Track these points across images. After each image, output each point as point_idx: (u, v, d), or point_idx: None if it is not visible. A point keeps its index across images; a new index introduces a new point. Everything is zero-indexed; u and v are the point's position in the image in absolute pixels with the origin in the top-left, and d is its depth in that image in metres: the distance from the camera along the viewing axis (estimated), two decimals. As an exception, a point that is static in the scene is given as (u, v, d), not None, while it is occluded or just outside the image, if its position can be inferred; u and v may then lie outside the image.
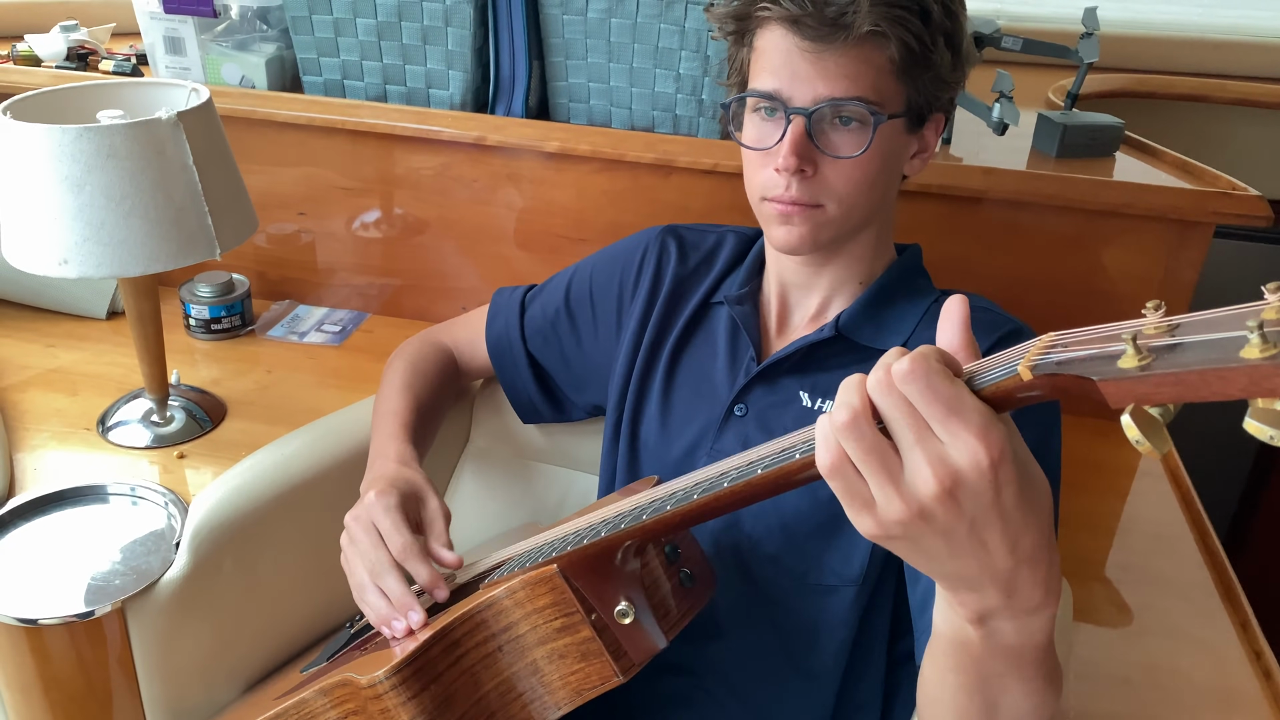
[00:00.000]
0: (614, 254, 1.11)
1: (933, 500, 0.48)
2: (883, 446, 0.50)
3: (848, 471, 0.51)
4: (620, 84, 1.29)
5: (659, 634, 0.72)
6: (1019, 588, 0.53)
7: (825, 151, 0.85)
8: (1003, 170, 1.24)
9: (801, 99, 0.83)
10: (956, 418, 0.48)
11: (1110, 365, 0.43)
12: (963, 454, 0.48)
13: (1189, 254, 1.22)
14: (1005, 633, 0.57)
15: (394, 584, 0.82)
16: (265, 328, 1.42)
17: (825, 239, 0.89)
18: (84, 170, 0.96)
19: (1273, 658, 0.93)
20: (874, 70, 0.83)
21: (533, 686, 0.72)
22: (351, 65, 1.34)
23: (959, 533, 0.50)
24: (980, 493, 0.48)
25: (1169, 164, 1.32)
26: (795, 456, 0.56)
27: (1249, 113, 1.78)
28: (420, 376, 1.10)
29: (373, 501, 0.86)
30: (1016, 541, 0.51)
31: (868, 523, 0.51)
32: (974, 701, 0.63)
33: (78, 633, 0.97)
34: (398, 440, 0.98)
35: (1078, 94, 1.39)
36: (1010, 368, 0.48)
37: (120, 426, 1.18)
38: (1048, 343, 0.47)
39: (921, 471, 0.48)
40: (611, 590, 0.71)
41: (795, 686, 0.91)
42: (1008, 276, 1.27)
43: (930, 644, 0.65)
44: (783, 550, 0.90)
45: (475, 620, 0.72)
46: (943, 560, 0.52)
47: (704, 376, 1.00)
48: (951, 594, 0.56)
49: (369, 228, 1.43)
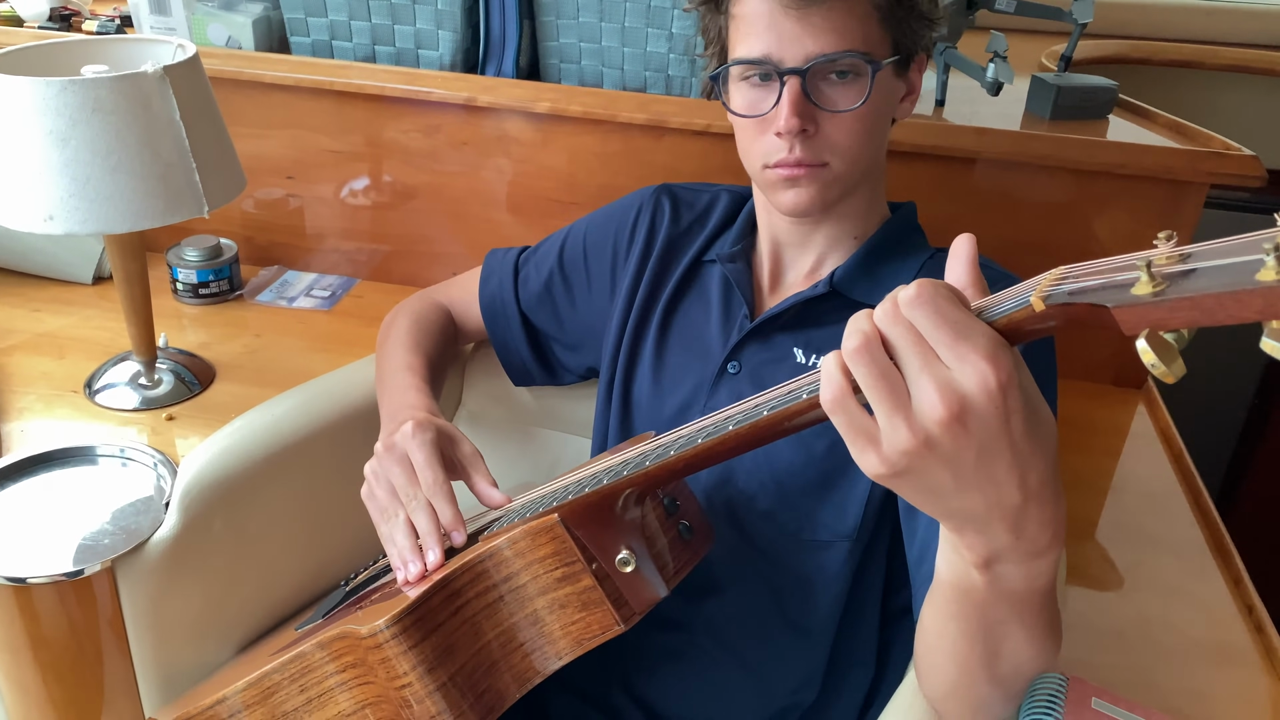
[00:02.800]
0: (608, 214, 1.10)
1: (939, 427, 0.48)
2: (892, 373, 0.49)
3: (850, 405, 0.51)
4: (612, 44, 1.28)
5: (660, 583, 0.72)
6: (1026, 527, 0.53)
7: (824, 108, 0.84)
8: (996, 131, 1.23)
9: (793, 59, 0.82)
10: (964, 341, 0.47)
11: (1124, 293, 0.42)
12: (970, 377, 0.47)
13: (1183, 215, 1.22)
14: (1011, 577, 0.56)
15: (425, 520, 0.79)
16: (254, 293, 1.40)
17: (833, 196, 0.88)
18: (69, 124, 0.94)
19: (1265, 612, 0.94)
20: (859, 20, 0.82)
21: (534, 636, 0.72)
22: (340, 25, 1.32)
23: (966, 463, 0.49)
24: (988, 418, 0.48)
25: (1162, 126, 1.31)
26: (802, 396, 0.56)
27: (1240, 79, 1.78)
28: (426, 334, 1.09)
29: (409, 433, 0.83)
30: (1025, 475, 0.50)
31: (872, 459, 0.51)
32: (975, 650, 0.63)
33: (66, 592, 0.96)
34: (416, 392, 0.96)
35: (1071, 56, 1.38)
36: (1022, 299, 0.47)
37: (108, 389, 1.16)
38: (1058, 275, 0.47)
39: (928, 397, 0.48)
40: (612, 539, 0.71)
41: (789, 642, 0.91)
42: (1000, 238, 1.26)
43: (931, 592, 0.65)
44: (776, 506, 0.90)
45: (476, 570, 0.71)
46: (949, 496, 0.51)
47: (696, 334, 0.99)
48: (958, 536, 0.55)
49: (357, 192, 1.42)
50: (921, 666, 0.72)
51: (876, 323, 0.50)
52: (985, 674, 0.65)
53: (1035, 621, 0.61)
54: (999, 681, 0.66)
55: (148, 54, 1.08)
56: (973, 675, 0.66)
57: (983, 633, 0.62)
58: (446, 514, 0.80)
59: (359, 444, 1.10)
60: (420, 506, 0.80)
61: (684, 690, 0.92)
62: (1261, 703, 0.85)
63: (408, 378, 1.00)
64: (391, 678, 0.71)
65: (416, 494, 0.81)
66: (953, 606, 0.62)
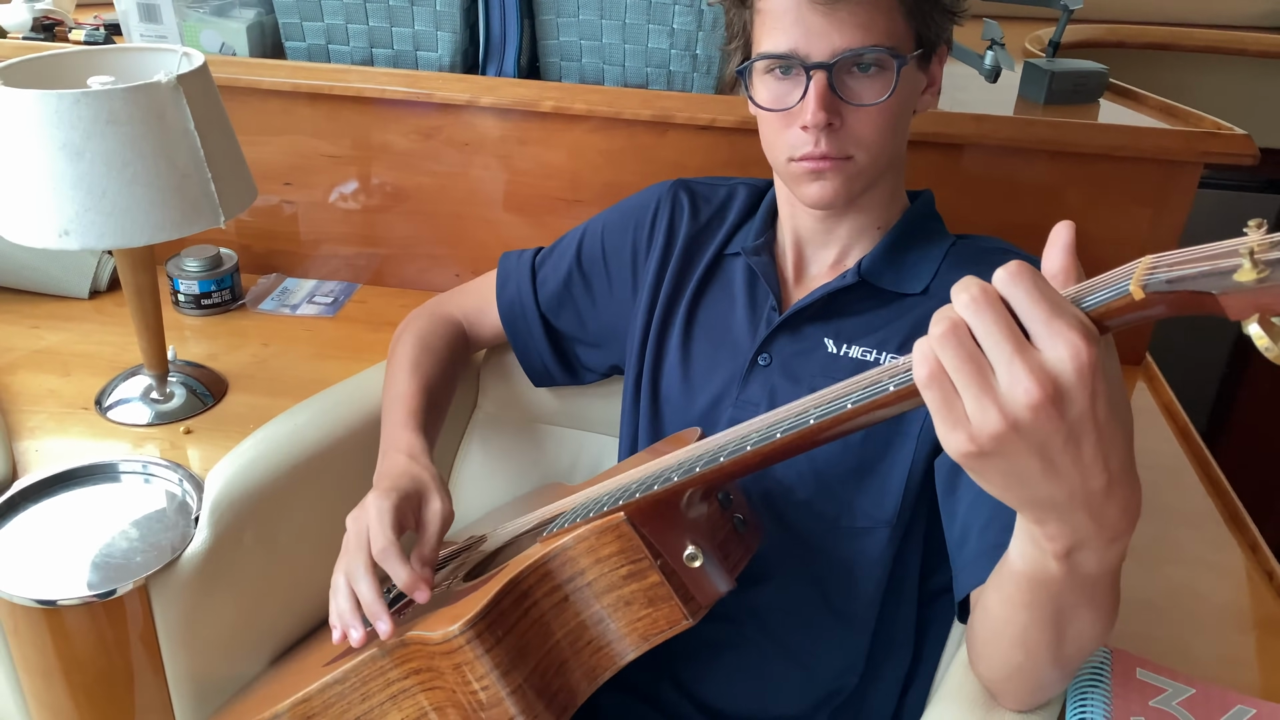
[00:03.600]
0: (625, 210, 1.10)
1: (1030, 410, 0.49)
2: (979, 357, 0.50)
3: (944, 382, 0.51)
4: (613, 41, 1.28)
5: (723, 577, 0.73)
6: (1108, 512, 0.54)
7: (849, 101, 0.85)
8: (995, 117, 1.25)
9: (819, 54, 0.83)
10: (1059, 317, 0.48)
11: (1226, 279, 0.44)
12: (1064, 356, 0.48)
13: (1178, 195, 1.25)
14: (1088, 564, 0.57)
15: (366, 588, 0.79)
16: (255, 301, 1.39)
17: (857, 189, 0.89)
18: (83, 137, 0.93)
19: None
20: (885, 14, 0.83)
21: (600, 634, 0.72)
22: (336, 29, 1.31)
23: (1054, 446, 0.50)
24: (1078, 399, 0.49)
25: (1152, 108, 1.34)
26: (889, 389, 0.56)
27: (1214, 60, 1.82)
28: (429, 353, 1.09)
29: (370, 502, 0.84)
30: (1108, 458, 0.51)
31: (960, 438, 0.51)
32: (1044, 635, 0.65)
33: (98, 613, 0.95)
34: (406, 430, 0.97)
35: (1059, 42, 1.41)
36: (1119, 288, 0.48)
37: (121, 405, 1.15)
38: (1149, 265, 0.48)
39: (1021, 382, 0.49)
40: (677, 536, 0.71)
41: (832, 629, 0.92)
42: (1000, 222, 1.28)
43: (999, 581, 0.66)
44: (815, 495, 0.91)
45: (543, 570, 0.72)
46: (1035, 482, 0.52)
47: (723, 328, 1.00)
48: (1039, 527, 0.56)
49: (358, 196, 1.41)
50: (983, 650, 0.73)
51: (960, 311, 0.51)
52: (1051, 656, 0.67)
53: (1103, 601, 0.63)
54: (1063, 662, 0.68)
55: (151, 63, 1.06)
56: (1038, 658, 0.68)
57: (1054, 618, 0.63)
58: (400, 576, 0.80)
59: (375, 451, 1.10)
60: (363, 577, 0.80)
61: (731, 681, 0.93)
62: (1291, 665, 0.88)
63: (399, 411, 1.00)
64: (464, 682, 0.71)
65: (361, 563, 0.80)
66: (1026, 595, 0.63)
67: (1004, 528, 0.78)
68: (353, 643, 0.80)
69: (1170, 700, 0.80)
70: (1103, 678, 0.81)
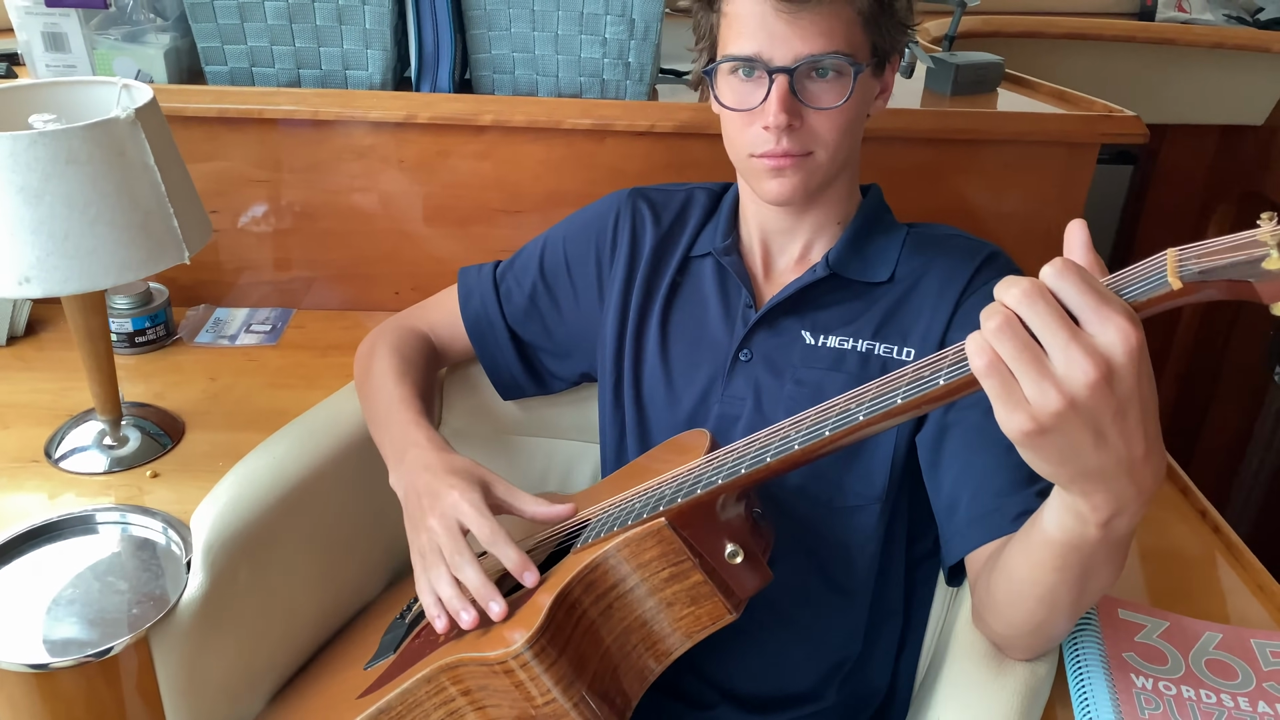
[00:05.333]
0: (584, 221, 1.12)
1: (1088, 388, 0.54)
2: (1033, 345, 0.56)
3: (1002, 370, 0.56)
4: (545, 52, 1.30)
5: (760, 569, 0.77)
6: (1145, 476, 0.59)
7: (809, 104, 0.90)
8: (913, 110, 1.33)
9: (782, 58, 0.88)
10: (1108, 305, 0.54)
11: (1256, 268, 0.50)
12: (1115, 339, 0.54)
13: (1079, 173, 1.36)
14: (1121, 526, 0.63)
15: (473, 574, 0.82)
16: (191, 335, 1.34)
17: (815, 185, 0.94)
18: (41, 179, 0.89)
19: (1217, 514, 1.07)
20: (845, 24, 0.88)
21: (647, 635, 0.75)
22: (260, 51, 1.28)
23: (1105, 419, 0.56)
24: (1127, 377, 0.55)
25: (1045, 94, 1.45)
26: (939, 383, 0.61)
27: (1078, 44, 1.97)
28: (409, 363, 1.09)
29: (457, 500, 0.85)
30: (1147, 426, 0.57)
31: (1021, 419, 0.57)
32: (1070, 593, 0.71)
33: (93, 672, 0.91)
34: (419, 428, 0.97)
35: (955, 36, 1.51)
36: (1158, 281, 0.54)
37: (74, 454, 1.10)
38: (1176, 258, 0.54)
39: (1078, 363, 0.54)
40: (716, 536, 0.75)
41: (834, 603, 0.97)
42: (925, 208, 1.36)
43: (1029, 548, 0.71)
44: (808, 479, 0.96)
45: (588, 580, 0.74)
46: (1087, 455, 0.58)
47: (700, 328, 1.04)
48: (1085, 499, 0.61)
49: (288, 220, 1.38)
50: (1003, 610, 0.78)
51: (1012, 305, 0.56)
52: (1071, 610, 0.74)
53: (1121, 558, 0.69)
54: (1078, 614, 0.75)
55: (88, 97, 1.02)
56: (1060, 613, 0.74)
57: (1082, 578, 0.69)
58: (513, 558, 0.81)
59: (358, 474, 1.10)
60: (468, 565, 0.82)
61: (747, 663, 0.97)
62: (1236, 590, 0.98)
63: (406, 412, 1.00)
64: (527, 698, 0.72)
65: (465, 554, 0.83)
66: (1058, 560, 0.68)
67: (994, 492, 0.85)
68: (465, 625, 0.81)
69: (1151, 634, 0.89)
70: (1091, 621, 0.89)
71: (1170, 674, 0.84)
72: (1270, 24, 2.13)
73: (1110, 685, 0.82)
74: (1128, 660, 0.85)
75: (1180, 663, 0.86)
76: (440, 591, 0.84)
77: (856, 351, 0.97)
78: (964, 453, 0.89)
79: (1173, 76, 2.11)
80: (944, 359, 0.63)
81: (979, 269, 0.96)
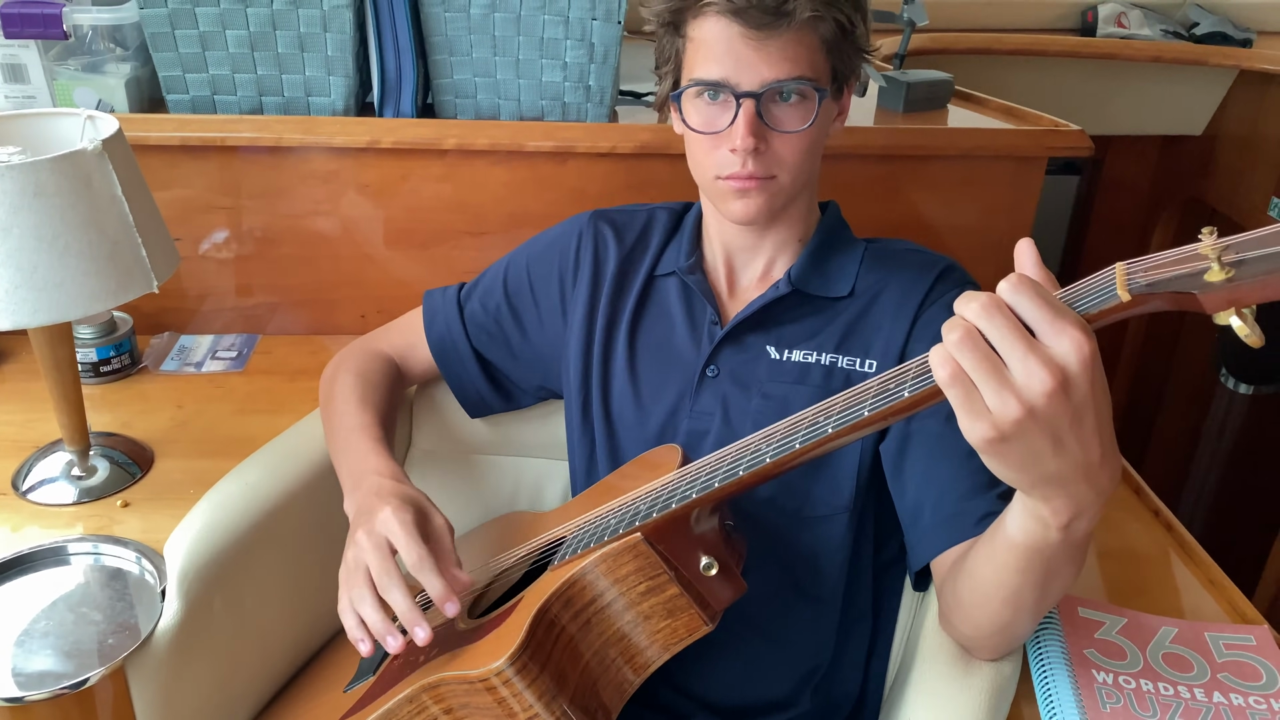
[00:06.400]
0: (547, 243, 1.14)
1: (1045, 396, 0.57)
2: (993, 356, 0.58)
3: (965, 380, 0.59)
4: (507, 76, 1.32)
5: (734, 581, 0.79)
6: (1101, 479, 0.62)
7: (774, 128, 0.92)
8: (867, 128, 1.37)
9: (749, 83, 0.90)
10: (1062, 317, 0.57)
11: (1199, 280, 0.53)
12: (1069, 349, 0.57)
13: (1028, 185, 1.40)
14: (1080, 529, 0.66)
15: (400, 598, 0.81)
16: (156, 363, 1.34)
17: (778, 205, 0.97)
18: (9, 212, 0.89)
19: (1169, 513, 1.11)
20: (809, 50, 0.91)
21: (625, 649, 0.77)
22: (222, 79, 1.29)
23: (1063, 425, 0.59)
24: (1082, 384, 0.58)
25: (994, 110, 1.50)
26: (904, 395, 0.63)
27: (1023, 60, 2.03)
28: (373, 388, 1.10)
29: (389, 517, 0.84)
30: (1102, 431, 0.60)
31: (983, 427, 0.59)
32: (1033, 594, 0.74)
33: (68, 704, 0.91)
34: (378, 456, 0.97)
35: (905, 55, 1.55)
36: (1107, 294, 0.57)
37: (42, 486, 1.09)
38: (1124, 270, 0.57)
39: (1036, 373, 0.57)
40: (691, 549, 0.77)
41: (805, 612, 0.99)
42: (881, 222, 1.40)
43: (993, 551, 0.73)
44: (776, 492, 0.98)
45: (566, 596, 0.75)
46: (1046, 460, 0.60)
47: (666, 346, 1.06)
48: (1046, 504, 0.64)
49: (253, 245, 1.38)
50: (969, 612, 0.81)
51: (972, 319, 0.59)
52: (1035, 611, 0.77)
53: (1081, 558, 0.73)
54: (1041, 613, 0.78)
55: (53, 128, 1.03)
56: (1023, 614, 0.77)
57: (1043, 579, 0.72)
58: (437, 587, 0.81)
59: (330, 499, 1.11)
60: (396, 587, 0.81)
61: (723, 673, 0.99)
62: (1190, 586, 1.02)
63: (364, 440, 1.01)
64: (509, 713, 0.74)
65: (393, 575, 0.82)
66: (1021, 562, 0.71)
67: (957, 497, 0.88)
68: (392, 649, 0.80)
69: (1110, 631, 0.92)
70: (1053, 620, 0.92)
71: (1129, 668, 0.87)
72: (1205, 38, 2.20)
73: (1073, 681, 0.85)
74: (1089, 657, 0.88)
75: (1139, 657, 0.89)
76: (363, 614, 0.83)
77: (820, 365, 0.99)
78: (926, 460, 0.92)
79: (1115, 89, 2.18)
80: (908, 371, 0.65)
81: (935, 282, 0.99)
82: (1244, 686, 0.86)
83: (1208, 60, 2.12)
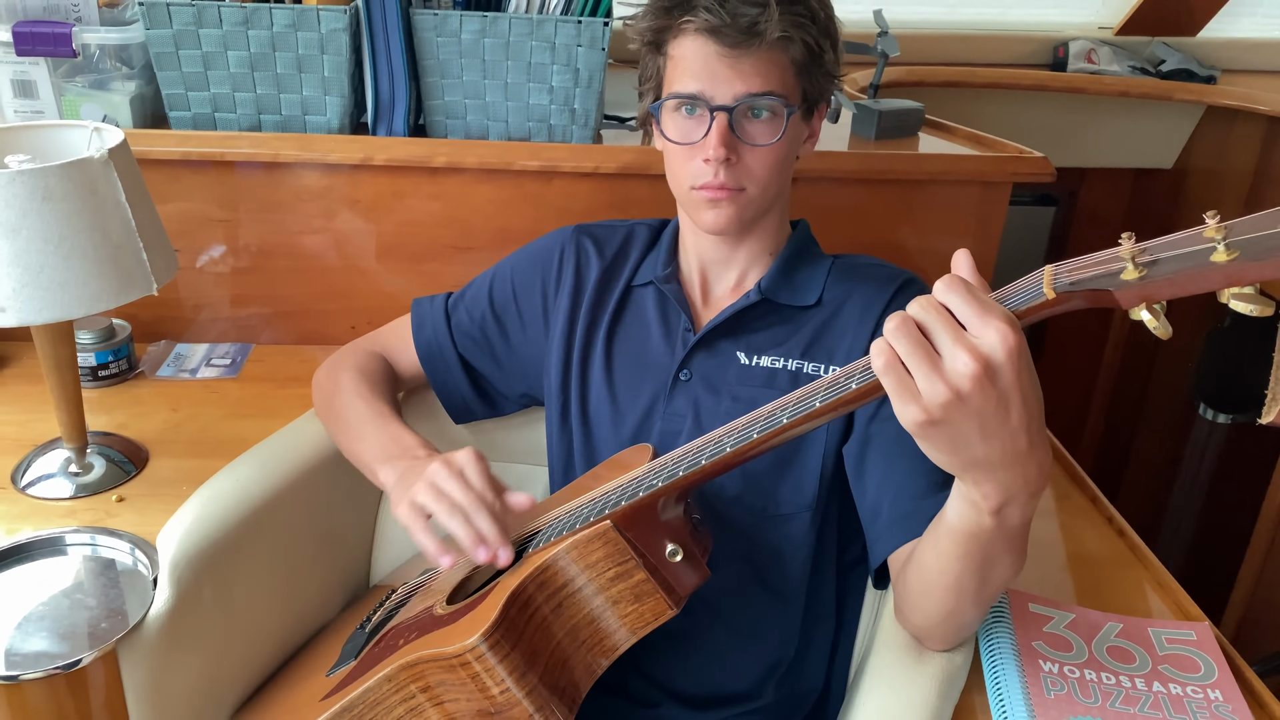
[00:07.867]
0: (531, 255, 1.20)
1: (970, 381, 0.63)
2: (926, 344, 0.64)
3: (899, 367, 0.65)
4: (496, 99, 1.38)
5: (698, 568, 0.83)
6: (1029, 469, 0.68)
7: (745, 141, 0.98)
8: (839, 153, 1.43)
9: (723, 97, 0.97)
10: (989, 312, 0.63)
11: (1116, 279, 0.59)
12: (994, 339, 0.62)
13: (994, 210, 1.46)
14: (1013, 516, 0.72)
15: (484, 522, 0.86)
16: (152, 369, 1.39)
17: (748, 217, 1.03)
18: (19, 215, 0.94)
19: (1122, 519, 1.16)
20: (780, 69, 0.98)
21: (595, 631, 0.81)
22: (223, 98, 1.34)
23: (988, 413, 0.64)
24: (1007, 372, 0.63)
25: (962, 138, 1.56)
26: (851, 387, 0.69)
27: (997, 93, 2.11)
28: (378, 382, 1.15)
29: (467, 457, 0.91)
30: (1029, 424, 0.66)
31: (915, 410, 0.65)
32: (974, 581, 0.79)
33: (61, 685, 0.95)
34: (411, 434, 1.03)
35: (879, 84, 1.62)
36: (1034, 292, 0.63)
37: (41, 481, 1.14)
38: (1051, 273, 0.63)
39: (961, 359, 0.63)
40: (658, 537, 0.81)
41: (770, 606, 1.04)
42: (853, 244, 1.44)
43: (935, 539, 0.79)
44: (743, 490, 1.03)
45: (539, 579, 0.80)
46: (974, 444, 0.66)
47: (642, 352, 1.11)
48: (975, 486, 0.70)
49: (249, 258, 1.43)
50: (917, 602, 0.86)
51: (910, 312, 0.65)
52: (976, 599, 0.82)
53: (1019, 548, 0.78)
54: (984, 603, 0.83)
55: (61, 139, 1.08)
56: (966, 601, 0.82)
57: (982, 566, 0.77)
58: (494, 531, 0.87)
59: (318, 497, 1.16)
60: (480, 512, 0.87)
61: (689, 663, 1.03)
62: (1139, 587, 1.07)
63: (388, 422, 1.06)
64: (482, 689, 0.78)
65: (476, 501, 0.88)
66: (960, 549, 0.76)
67: (912, 496, 0.93)
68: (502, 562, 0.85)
69: (1058, 625, 0.97)
70: (1004, 614, 0.97)
71: (1075, 659, 0.92)
72: (1171, 74, 2.28)
73: (1020, 670, 0.90)
74: (1036, 648, 0.93)
75: (1084, 649, 0.94)
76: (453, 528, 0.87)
77: (787, 370, 1.05)
78: (884, 462, 0.97)
79: (1085, 123, 2.26)
80: (857, 367, 0.71)
81: (897, 293, 1.05)
82: (1183, 677, 0.91)
83: (1173, 95, 2.20)
